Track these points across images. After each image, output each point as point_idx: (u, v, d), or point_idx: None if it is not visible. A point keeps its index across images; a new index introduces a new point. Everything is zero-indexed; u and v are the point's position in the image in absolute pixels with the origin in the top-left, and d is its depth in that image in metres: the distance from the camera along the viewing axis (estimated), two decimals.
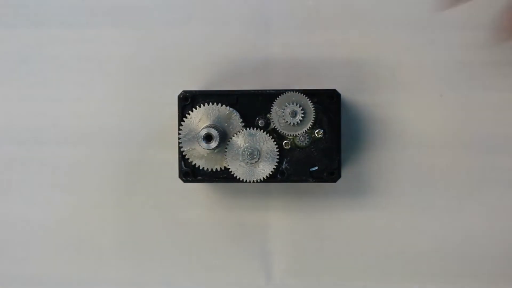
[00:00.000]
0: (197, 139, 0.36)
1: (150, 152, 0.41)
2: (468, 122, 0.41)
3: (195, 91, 0.38)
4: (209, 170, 0.38)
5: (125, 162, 0.42)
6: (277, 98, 0.37)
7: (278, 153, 0.37)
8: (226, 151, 0.37)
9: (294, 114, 0.36)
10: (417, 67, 0.41)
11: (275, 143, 0.37)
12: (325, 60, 0.41)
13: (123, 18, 0.42)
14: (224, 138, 0.37)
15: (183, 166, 0.38)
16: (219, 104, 0.37)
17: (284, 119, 0.37)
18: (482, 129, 0.41)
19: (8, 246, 0.43)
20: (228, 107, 0.37)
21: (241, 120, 0.37)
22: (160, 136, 0.41)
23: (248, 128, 0.37)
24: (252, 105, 0.38)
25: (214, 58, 0.41)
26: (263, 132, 0.37)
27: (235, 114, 0.37)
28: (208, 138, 0.36)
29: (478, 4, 0.40)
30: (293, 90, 0.37)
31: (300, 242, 0.42)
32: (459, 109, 0.41)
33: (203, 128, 0.37)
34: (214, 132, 0.36)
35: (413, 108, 0.41)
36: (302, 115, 0.36)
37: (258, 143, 0.37)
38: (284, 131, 0.37)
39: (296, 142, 0.38)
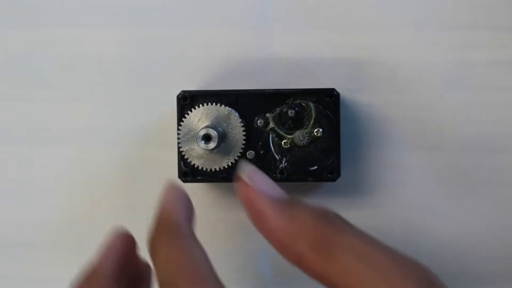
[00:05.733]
0: (196, 139, 0.36)
1: (149, 152, 0.42)
2: (468, 122, 0.41)
3: (194, 91, 0.38)
4: (209, 170, 0.38)
5: (124, 162, 0.42)
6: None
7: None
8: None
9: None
10: (417, 67, 0.41)
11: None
12: (325, 60, 0.41)
13: (123, 18, 0.42)
14: (223, 138, 0.37)
15: (182, 166, 0.38)
16: (218, 104, 0.37)
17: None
18: (482, 129, 0.41)
19: (8, 246, 0.43)
20: (227, 107, 0.37)
21: (240, 120, 0.37)
22: (159, 136, 0.41)
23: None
24: (252, 105, 0.38)
25: (213, 58, 0.41)
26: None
27: (234, 114, 0.37)
28: (206, 138, 0.36)
29: (479, 4, 0.40)
30: (292, 90, 0.37)
31: None
32: (459, 109, 0.41)
33: (202, 128, 0.36)
34: (213, 133, 0.36)
35: (413, 108, 0.41)
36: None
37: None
38: (283, 131, 0.37)
39: (295, 142, 0.37)
